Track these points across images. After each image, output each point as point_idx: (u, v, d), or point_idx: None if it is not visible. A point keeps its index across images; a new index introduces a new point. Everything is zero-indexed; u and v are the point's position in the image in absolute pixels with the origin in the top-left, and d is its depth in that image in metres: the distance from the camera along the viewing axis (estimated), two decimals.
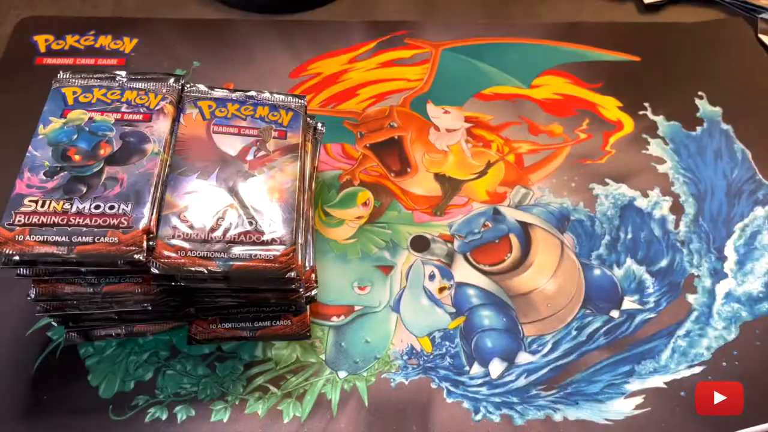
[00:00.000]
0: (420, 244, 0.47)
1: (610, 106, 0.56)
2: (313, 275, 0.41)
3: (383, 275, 0.46)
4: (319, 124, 0.46)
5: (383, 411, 0.40)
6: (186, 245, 0.36)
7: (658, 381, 0.42)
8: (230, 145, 0.40)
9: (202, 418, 0.40)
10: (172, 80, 0.42)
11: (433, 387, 0.41)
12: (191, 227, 0.36)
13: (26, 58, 0.57)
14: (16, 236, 0.34)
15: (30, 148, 0.38)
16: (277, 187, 0.39)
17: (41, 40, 0.58)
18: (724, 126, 0.55)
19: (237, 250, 0.36)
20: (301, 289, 0.39)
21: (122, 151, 0.38)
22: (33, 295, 0.37)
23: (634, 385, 0.42)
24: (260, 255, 0.36)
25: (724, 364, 0.43)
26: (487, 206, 0.50)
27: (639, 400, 0.41)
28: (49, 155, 0.37)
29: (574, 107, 0.56)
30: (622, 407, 0.41)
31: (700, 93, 0.57)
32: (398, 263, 0.46)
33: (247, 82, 0.56)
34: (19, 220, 0.35)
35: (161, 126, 0.40)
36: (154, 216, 0.36)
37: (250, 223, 0.37)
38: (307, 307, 0.41)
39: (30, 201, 0.35)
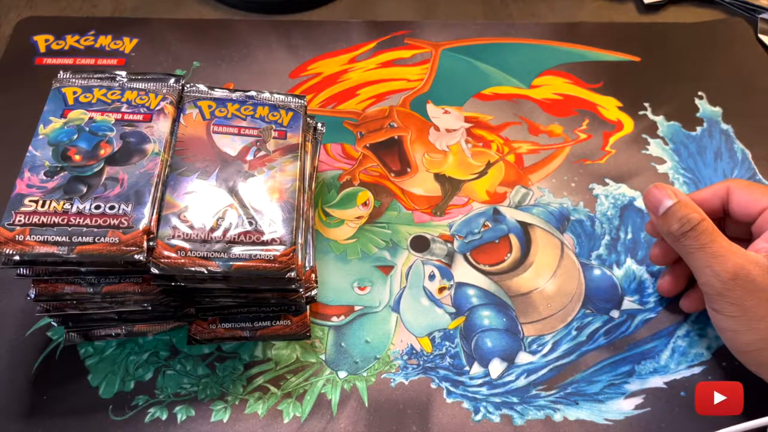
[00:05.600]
0: (420, 244, 0.47)
1: (610, 106, 0.56)
2: (313, 275, 0.41)
3: (383, 275, 0.46)
4: (319, 124, 0.46)
5: (383, 411, 0.40)
6: (186, 245, 0.36)
7: (658, 381, 0.42)
8: (230, 145, 0.40)
9: (202, 418, 0.40)
10: (172, 80, 0.42)
11: (433, 387, 0.41)
12: (191, 227, 0.36)
13: (26, 58, 0.57)
14: (16, 236, 0.34)
15: (30, 148, 0.38)
16: (277, 187, 0.39)
17: (41, 40, 0.58)
18: (724, 126, 0.55)
19: (237, 250, 0.36)
20: (301, 289, 0.39)
21: (122, 151, 0.38)
22: (33, 295, 0.37)
23: (634, 385, 0.42)
24: (260, 255, 0.36)
25: (724, 364, 0.43)
26: (487, 206, 0.50)
27: (639, 400, 0.41)
28: (49, 155, 0.37)
29: (574, 107, 0.56)
30: (622, 407, 0.41)
31: (700, 93, 0.57)
32: (398, 263, 0.46)
33: (247, 82, 0.56)
34: (19, 220, 0.35)
35: (161, 126, 0.40)
36: (154, 216, 0.36)
37: (250, 223, 0.37)
38: (307, 307, 0.41)
39: (30, 201, 0.35)
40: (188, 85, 0.43)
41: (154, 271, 0.35)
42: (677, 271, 0.44)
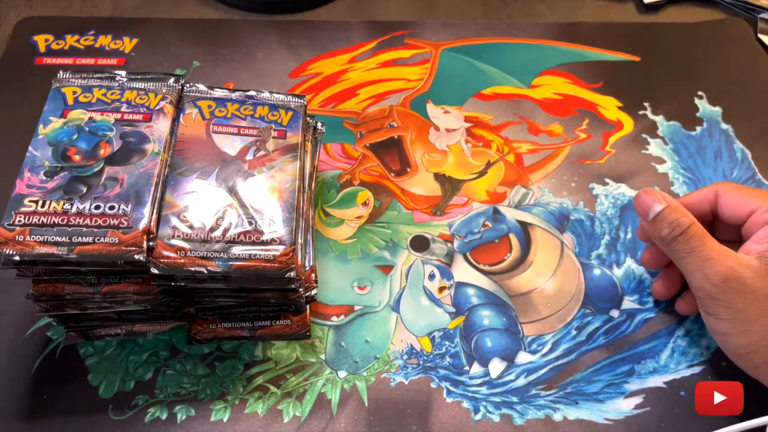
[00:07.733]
0: (420, 244, 0.47)
1: (609, 106, 0.56)
2: (313, 275, 0.41)
3: (383, 275, 0.46)
4: (319, 124, 0.46)
5: (383, 411, 0.40)
6: (186, 245, 0.36)
7: (657, 381, 0.42)
8: (230, 144, 0.40)
9: (202, 417, 0.40)
10: (172, 80, 0.42)
11: (433, 387, 0.41)
12: (191, 227, 0.36)
13: (26, 58, 0.57)
14: (16, 236, 0.34)
15: (30, 148, 0.38)
16: (277, 186, 0.39)
17: (41, 40, 0.58)
18: (724, 126, 0.55)
19: (237, 249, 0.36)
20: (300, 289, 0.39)
21: (122, 151, 0.38)
22: (33, 295, 0.37)
23: (633, 384, 0.42)
24: (260, 255, 0.36)
25: (724, 364, 0.42)
26: (486, 206, 0.50)
27: (639, 399, 0.41)
28: (49, 155, 0.37)
29: (574, 107, 0.56)
30: (622, 407, 0.41)
31: (700, 93, 0.57)
32: (398, 263, 0.46)
33: (247, 82, 0.56)
34: (19, 220, 0.35)
35: (161, 126, 0.40)
36: (154, 216, 0.36)
37: (250, 223, 0.37)
38: (307, 306, 0.41)
39: (30, 201, 0.35)
40: (188, 85, 0.43)
41: (154, 271, 0.35)
42: (670, 275, 0.44)
